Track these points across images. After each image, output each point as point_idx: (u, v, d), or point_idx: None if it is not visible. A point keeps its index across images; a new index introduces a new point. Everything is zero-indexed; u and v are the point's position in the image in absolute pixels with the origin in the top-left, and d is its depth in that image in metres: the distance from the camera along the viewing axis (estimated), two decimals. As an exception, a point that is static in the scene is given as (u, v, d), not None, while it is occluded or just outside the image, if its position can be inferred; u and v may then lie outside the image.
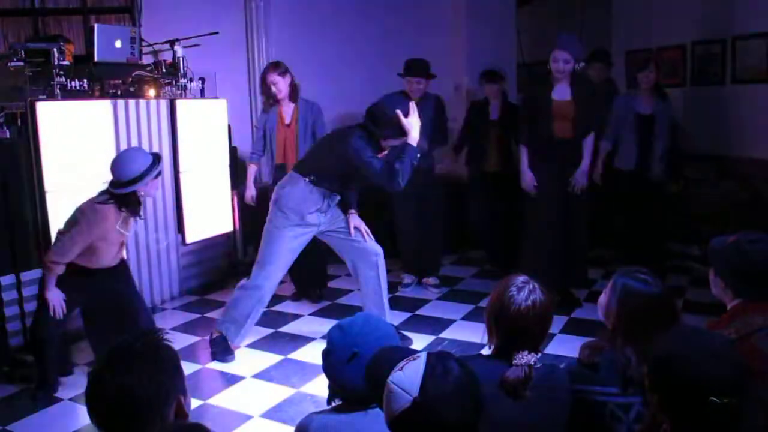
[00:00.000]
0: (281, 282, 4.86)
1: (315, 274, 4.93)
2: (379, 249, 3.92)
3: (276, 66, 4.55)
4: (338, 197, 3.87)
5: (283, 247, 3.80)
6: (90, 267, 3.40)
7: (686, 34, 6.31)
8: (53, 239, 3.78)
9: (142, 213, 3.55)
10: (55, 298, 3.33)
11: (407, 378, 1.45)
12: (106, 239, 3.35)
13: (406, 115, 3.56)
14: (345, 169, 3.66)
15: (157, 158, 3.38)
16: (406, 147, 3.58)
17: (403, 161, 3.56)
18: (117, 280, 3.54)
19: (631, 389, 1.95)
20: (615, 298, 2.06)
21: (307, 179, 3.73)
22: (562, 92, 4.39)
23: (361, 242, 3.89)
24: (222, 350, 3.91)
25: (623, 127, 4.97)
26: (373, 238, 3.93)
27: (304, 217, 3.76)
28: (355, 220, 3.90)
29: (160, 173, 3.40)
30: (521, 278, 2.00)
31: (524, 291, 1.95)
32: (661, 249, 5.17)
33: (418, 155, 3.62)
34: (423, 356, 1.50)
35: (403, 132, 3.57)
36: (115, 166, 3.31)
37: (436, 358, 1.48)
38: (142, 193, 3.37)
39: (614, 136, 5.04)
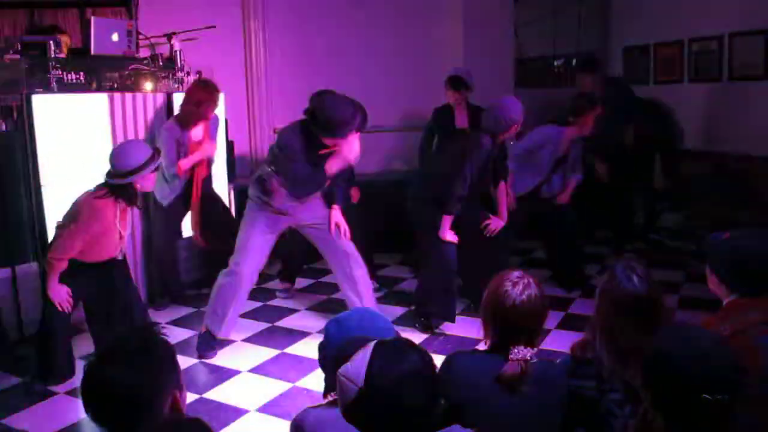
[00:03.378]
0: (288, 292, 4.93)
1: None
2: (351, 248, 3.94)
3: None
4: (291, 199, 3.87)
5: (255, 232, 3.82)
6: (88, 261, 3.40)
7: (684, 30, 6.31)
8: (49, 233, 3.79)
9: (139, 203, 3.57)
10: (59, 294, 3.33)
11: (354, 369, 1.45)
12: (105, 233, 3.36)
13: (351, 121, 3.51)
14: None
15: (156, 152, 3.41)
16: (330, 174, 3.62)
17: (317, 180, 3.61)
18: (114, 274, 3.55)
19: (606, 385, 1.96)
20: (598, 291, 2.08)
21: (269, 168, 3.77)
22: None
23: (335, 240, 3.91)
24: (204, 345, 3.90)
25: None
26: (348, 238, 3.93)
27: (270, 204, 3.79)
28: (336, 216, 3.89)
29: (157, 168, 3.43)
30: (516, 273, 2.01)
31: (519, 286, 1.96)
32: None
33: (326, 183, 3.65)
34: (371, 346, 1.49)
35: (341, 133, 3.52)
36: (114, 156, 3.34)
37: (385, 347, 1.48)
38: (138, 186, 3.38)
39: None
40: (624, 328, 1.95)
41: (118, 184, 3.31)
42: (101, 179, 3.38)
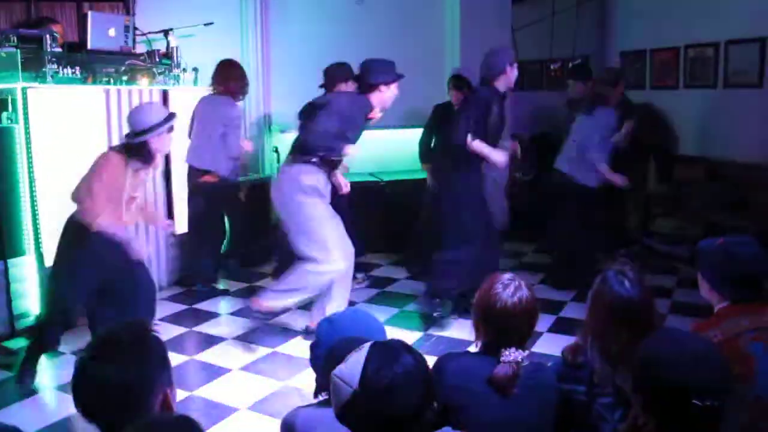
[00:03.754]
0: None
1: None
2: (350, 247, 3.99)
3: None
4: (329, 184, 3.96)
5: (333, 223, 3.87)
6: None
7: (680, 36, 6.33)
8: (42, 227, 3.77)
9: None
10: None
11: (348, 370, 1.45)
12: (112, 188, 3.31)
13: (391, 63, 3.91)
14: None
15: (171, 114, 3.47)
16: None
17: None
18: (133, 261, 3.43)
19: (597, 390, 1.97)
20: (590, 295, 2.09)
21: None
22: None
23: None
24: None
25: None
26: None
27: (321, 191, 3.86)
28: (341, 177, 4.11)
29: (172, 128, 3.46)
30: (507, 275, 2.01)
31: (510, 288, 1.96)
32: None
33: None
34: (366, 347, 1.49)
35: (393, 75, 3.85)
36: (131, 116, 3.43)
37: (380, 349, 1.47)
38: (153, 147, 3.40)
39: None
40: (615, 332, 1.96)
41: (133, 143, 3.35)
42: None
